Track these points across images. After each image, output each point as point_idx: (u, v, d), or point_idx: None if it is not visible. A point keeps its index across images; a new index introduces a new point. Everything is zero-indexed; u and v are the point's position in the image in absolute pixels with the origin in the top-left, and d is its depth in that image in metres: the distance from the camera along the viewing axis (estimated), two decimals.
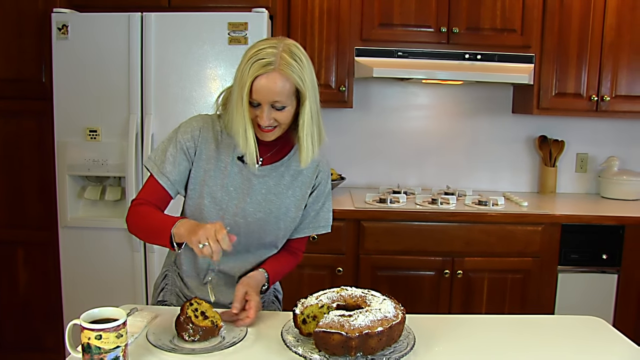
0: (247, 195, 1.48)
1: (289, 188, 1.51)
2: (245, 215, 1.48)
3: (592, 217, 2.65)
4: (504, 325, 1.42)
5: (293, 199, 1.51)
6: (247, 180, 1.48)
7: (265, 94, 1.33)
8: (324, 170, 1.56)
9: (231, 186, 1.47)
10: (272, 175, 1.50)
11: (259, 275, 1.46)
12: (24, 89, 2.68)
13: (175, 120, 2.46)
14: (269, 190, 1.49)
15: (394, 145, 3.22)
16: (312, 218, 1.57)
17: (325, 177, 1.57)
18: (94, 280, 2.57)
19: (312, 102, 1.38)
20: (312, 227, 1.58)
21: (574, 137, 3.23)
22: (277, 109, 1.35)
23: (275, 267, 1.53)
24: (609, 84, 2.82)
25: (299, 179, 1.52)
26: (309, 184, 1.53)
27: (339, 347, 1.12)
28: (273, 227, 1.51)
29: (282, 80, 1.32)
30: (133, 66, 2.44)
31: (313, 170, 1.53)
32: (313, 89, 1.38)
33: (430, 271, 2.66)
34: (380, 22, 2.79)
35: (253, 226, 1.49)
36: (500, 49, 2.77)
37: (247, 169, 1.47)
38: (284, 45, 1.35)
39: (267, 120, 1.36)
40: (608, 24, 2.78)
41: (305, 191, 1.53)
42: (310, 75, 1.37)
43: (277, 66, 1.31)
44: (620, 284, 2.66)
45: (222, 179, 1.47)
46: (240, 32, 2.42)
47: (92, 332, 1.06)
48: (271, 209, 1.49)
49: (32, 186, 2.75)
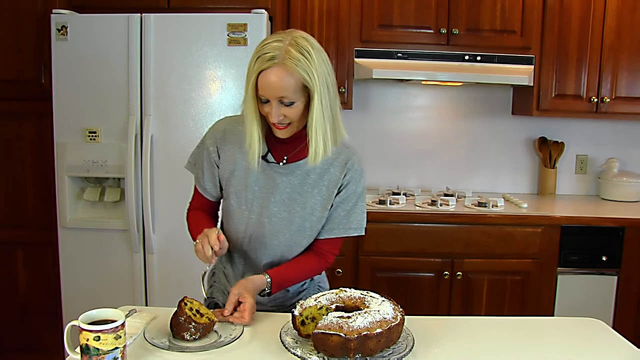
0: (271, 194, 1.46)
1: (314, 187, 1.46)
2: (269, 214, 1.46)
3: (592, 218, 2.65)
4: (503, 327, 1.41)
5: (319, 198, 1.46)
6: (271, 179, 1.46)
7: (270, 90, 1.29)
8: (354, 169, 1.48)
9: (256, 185, 1.46)
10: (297, 174, 1.46)
11: (259, 279, 1.42)
12: (23, 90, 2.68)
13: (175, 121, 2.49)
14: (293, 189, 1.46)
15: (393, 146, 3.22)
16: (342, 218, 1.49)
17: (357, 176, 1.49)
18: (93, 281, 2.56)
19: (323, 97, 1.32)
20: (343, 229, 1.50)
21: (574, 138, 3.23)
22: (285, 104, 1.32)
23: (286, 271, 1.47)
24: (608, 86, 2.82)
25: (325, 177, 1.46)
26: (336, 183, 1.47)
27: (338, 349, 1.12)
28: (298, 227, 1.47)
29: (285, 75, 1.28)
30: (132, 67, 2.44)
31: (341, 169, 1.46)
32: (323, 84, 1.31)
33: (429, 272, 2.65)
34: (380, 24, 2.79)
35: (278, 226, 1.47)
36: (500, 50, 2.77)
37: (271, 168, 1.45)
38: (292, 38, 1.30)
39: (276, 116, 1.33)
40: (608, 26, 2.78)
41: (332, 190, 1.47)
42: (320, 68, 1.30)
43: (280, 60, 1.27)
44: (620, 286, 2.66)
45: (246, 178, 1.46)
46: (239, 33, 2.41)
47: (91, 334, 1.06)
48: (296, 209, 1.46)
49: (31, 187, 2.75)
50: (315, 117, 1.33)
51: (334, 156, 1.46)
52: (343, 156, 1.47)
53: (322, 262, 1.53)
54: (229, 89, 2.45)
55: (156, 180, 2.50)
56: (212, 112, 2.46)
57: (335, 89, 1.38)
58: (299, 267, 1.50)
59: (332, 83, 1.35)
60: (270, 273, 1.44)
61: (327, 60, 1.35)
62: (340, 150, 1.47)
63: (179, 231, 2.50)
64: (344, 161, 1.46)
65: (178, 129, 2.48)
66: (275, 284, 1.43)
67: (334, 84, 1.37)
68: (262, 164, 1.45)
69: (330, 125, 1.37)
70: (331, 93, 1.35)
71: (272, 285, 1.42)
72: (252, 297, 1.36)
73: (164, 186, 2.50)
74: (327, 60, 1.35)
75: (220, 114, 2.45)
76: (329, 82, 1.34)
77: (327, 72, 1.33)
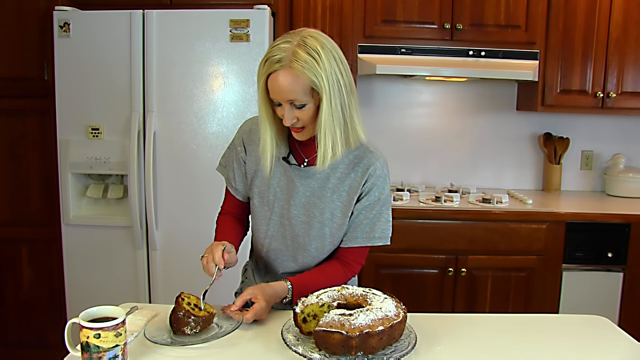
0: (291, 197, 1.43)
1: (334, 192, 1.41)
2: (289, 217, 1.44)
3: (597, 215, 2.63)
4: (507, 325, 1.40)
5: (339, 204, 1.42)
6: (291, 181, 1.43)
7: (279, 93, 1.26)
8: (377, 175, 1.42)
9: (277, 187, 1.44)
10: (316, 177, 1.42)
11: (280, 285, 1.37)
12: (26, 87, 2.68)
13: (178, 118, 2.49)
14: (312, 193, 1.42)
15: (397, 142, 3.20)
16: (365, 227, 1.43)
17: (380, 183, 1.42)
18: (97, 278, 2.57)
19: (333, 98, 1.26)
20: (367, 238, 1.44)
21: (579, 134, 3.20)
22: (297, 107, 1.28)
23: (308, 279, 1.41)
24: (614, 81, 2.79)
25: (346, 182, 1.41)
26: (356, 189, 1.41)
27: (339, 347, 1.11)
28: (317, 233, 1.43)
29: (292, 78, 1.24)
30: (135, 64, 2.44)
31: (362, 174, 1.40)
32: (333, 84, 1.25)
33: (433, 269, 2.64)
34: (383, 19, 2.77)
35: (298, 230, 1.45)
36: (505, 46, 2.75)
37: (292, 170, 1.43)
38: (300, 38, 1.25)
39: (289, 119, 1.29)
40: (614, 20, 2.75)
41: (352, 197, 1.41)
42: (331, 68, 1.25)
43: (286, 63, 1.23)
44: (625, 283, 2.64)
45: (268, 179, 1.45)
46: (242, 29, 2.40)
47: (91, 331, 1.05)
48: (314, 213, 1.42)
49: (35, 184, 2.75)
50: (324, 120, 1.27)
51: (356, 160, 1.41)
52: (365, 161, 1.41)
53: (347, 272, 1.47)
54: (231, 85, 2.44)
55: (159, 177, 2.50)
56: (214, 109, 2.45)
57: (351, 88, 1.32)
58: (322, 276, 1.44)
59: (345, 83, 1.29)
60: (292, 280, 1.39)
61: (340, 59, 1.29)
62: (362, 154, 1.42)
63: (182, 227, 2.51)
64: (366, 166, 1.41)
65: (181, 125, 2.47)
66: (297, 291, 1.38)
67: (348, 84, 1.30)
68: (283, 166, 1.43)
69: (342, 127, 1.31)
70: (343, 94, 1.29)
71: (294, 293, 1.38)
72: (266, 301, 1.32)
73: (167, 183, 2.50)
74: (340, 59, 1.29)
75: (223, 111, 2.44)
76: (342, 82, 1.28)
77: (339, 71, 1.27)
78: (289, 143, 1.45)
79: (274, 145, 1.39)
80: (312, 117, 1.30)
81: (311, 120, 1.31)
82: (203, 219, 2.49)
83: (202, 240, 2.49)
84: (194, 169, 2.48)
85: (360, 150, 1.42)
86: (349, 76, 1.31)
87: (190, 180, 2.50)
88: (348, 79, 1.31)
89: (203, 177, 2.47)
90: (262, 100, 1.32)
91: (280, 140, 1.42)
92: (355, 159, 1.42)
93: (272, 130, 1.37)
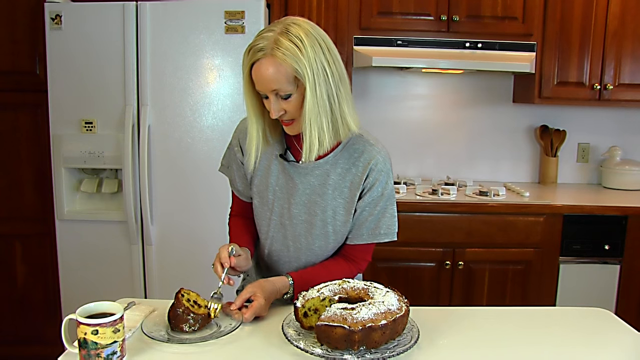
0: (291, 196, 1.40)
1: (335, 189, 1.37)
2: (290, 216, 1.41)
3: (594, 207, 2.63)
4: (509, 318, 1.39)
5: (341, 201, 1.38)
6: (291, 179, 1.39)
7: (262, 83, 1.23)
8: (379, 170, 1.36)
9: (277, 185, 1.41)
10: (316, 174, 1.37)
11: (281, 281, 1.34)
12: (18, 81, 2.65)
13: (172, 111, 2.46)
14: (313, 191, 1.38)
15: (393, 135, 3.18)
16: (370, 223, 1.40)
17: (382, 178, 1.37)
18: (91, 273, 2.54)
19: (318, 87, 1.21)
20: (372, 234, 1.41)
21: (576, 126, 3.20)
22: (283, 98, 1.24)
23: (310, 275, 1.38)
24: (612, 73, 2.79)
25: (347, 178, 1.37)
26: (358, 184, 1.36)
27: (342, 341, 1.10)
28: (321, 232, 1.40)
29: (274, 66, 1.20)
30: (128, 56, 2.40)
31: (363, 169, 1.36)
32: (319, 73, 1.21)
33: (430, 262, 2.64)
34: (379, 11, 2.74)
35: (299, 229, 1.41)
36: (501, 37, 2.73)
37: (291, 167, 1.39)
38: (283, 26, 1.22)
39: (276, 111, 1.25)
40: (612, 12, 2.74)
41: (354, 193, 1.37)
42: (315, 55, 1.21)
43: (268, 51, 1.20)
44: (622, 275, 2.65)
45: (266, 177, 1.42)
46: (237, 20, 2.37)
47: (89, 327, 1.03)
48: (316, 212, 1.38)
49: (28, 179, 2.72)
50: (308, 109, 1.23)
51: (357, 155, 1.37)
52: (366, 155, 1.36)
53: (352, 268, 1.44)
54: (226, 78, 2.41)
55: (154, 170, 2.47)
56: (209, 101, 2.42)
57: (340, 77, 1.27)
58: (325, 272, 1.39)
59: (333, 72, 1.24)
60: (294, 275, 1.36)
61: (328, 47, 1.25)
62: (363, 148, 1.38)
63: (178, 222, 2.49)
64: (367, 161, 1.36)
65: (176, 118, 2.44)
66: (298, 287, 1.35)
67: (337, 72, 1.26)
68: (281, 163, 1.40)
69: (328, 117, 1.26)
70: (330, 83, 1.24)
71: (295, 288, 1.35)
72: (265, 298, 1.29)
73: (161, 177, 2.47)
74: (328, 47, 1.25)
75: (218, 103, 2.42)
76: (328, 70, 1.23)
77: (325, 59, 1.23)
78: (285, 140, 1.42)
79: (260, 139, 1.35)
80: (299, 109, 1.26)
81: (299, 112, 1.26)
82: (199, 213, 2.47)
83: (198, 234, 2.50)
84: (189, 163, 2.46)
85: (360, 143, 1.39)
86: (339, 65, 1.27)
87: (186, 174, 2.47)
88: (337, 67, 1.26)
89: (198, 170, 2.45)
90: (247, 91, 1.29)
91: (273, 136, 1.39)
92: (356, 153, 1.38)
93: (258, 123, 1.33)
